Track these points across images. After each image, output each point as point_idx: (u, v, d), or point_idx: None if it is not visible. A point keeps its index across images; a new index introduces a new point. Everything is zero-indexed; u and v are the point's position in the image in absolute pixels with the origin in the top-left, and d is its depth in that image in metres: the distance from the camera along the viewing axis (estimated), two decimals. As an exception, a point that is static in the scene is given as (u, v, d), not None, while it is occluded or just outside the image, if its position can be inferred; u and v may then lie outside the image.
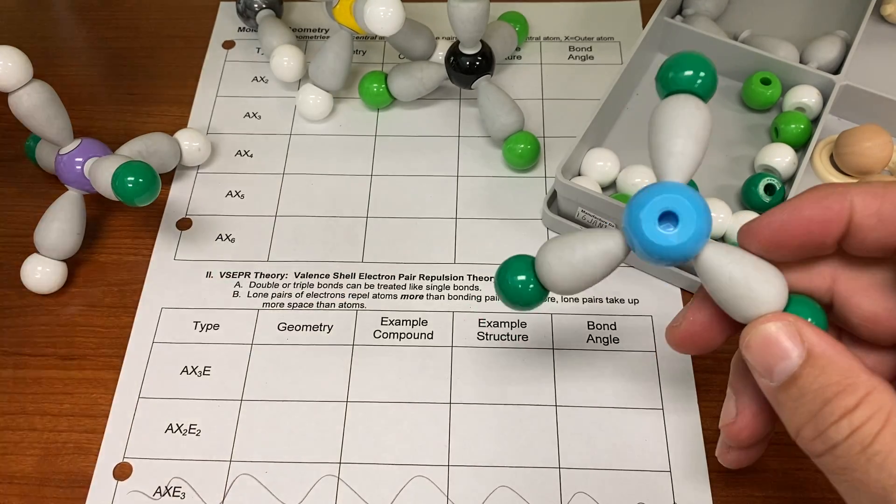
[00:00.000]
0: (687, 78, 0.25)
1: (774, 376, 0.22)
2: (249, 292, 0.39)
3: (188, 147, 0.42)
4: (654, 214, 0.23)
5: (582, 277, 0.25)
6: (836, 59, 0.44)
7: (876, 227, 0.22)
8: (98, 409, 0.36)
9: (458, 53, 0.42)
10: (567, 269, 0.25)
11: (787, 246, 0.23)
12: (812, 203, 0.22)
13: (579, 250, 0.25)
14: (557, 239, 0.26)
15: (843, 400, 0.20)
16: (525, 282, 0.26)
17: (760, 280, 0.23)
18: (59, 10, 0.52)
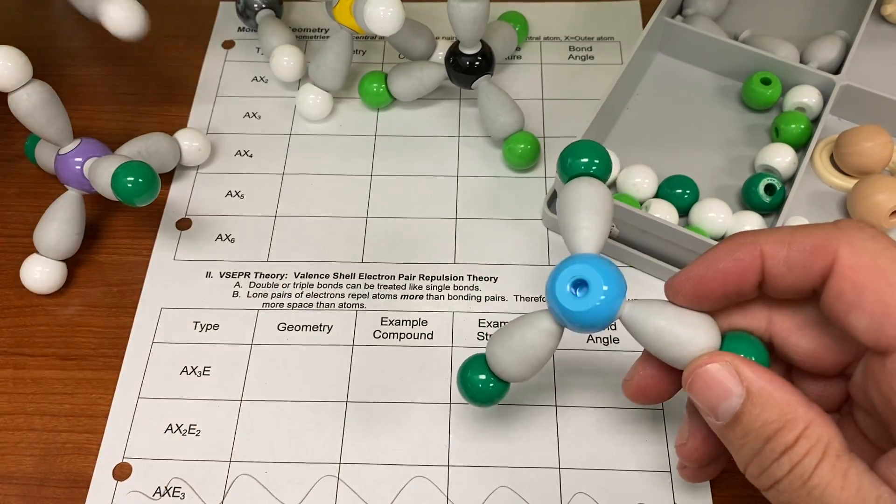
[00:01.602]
0: (583, 164, 0.27)
1: (719, 415, 0.22)
2: (249, 292, 0.39)
3: (188, 147, 0.42)
4: (565, 284, 0.25)
5: (526, 360, 0.27)
6: (837, 59, 0.44)
7: (786, 274, 0.23)
8: (98, 409, 0.36)
9: (458, 53, 0.42)
10: (511, 356, 0.27)
11: (709, 298, 0.24)
12: (724, 255, 0.23)
13: (517, 335, 0.27)
14: (499, 330, 0.28)
15: (783, 437, 0.21)
16: (485, 380, 0.28)
17: (686, 325, 0.24)
18: (58, 10, 0.52)
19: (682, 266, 0.38)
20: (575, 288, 0.25)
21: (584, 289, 0.25)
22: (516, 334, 0.27)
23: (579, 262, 0.25)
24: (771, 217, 0.40)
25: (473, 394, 0.28)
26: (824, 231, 0.22)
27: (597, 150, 0.27)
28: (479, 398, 0.28)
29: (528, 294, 0.38)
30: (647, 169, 0.40)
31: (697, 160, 0.42)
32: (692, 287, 0.24)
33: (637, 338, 0.25)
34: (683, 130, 0.44)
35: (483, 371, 0.28)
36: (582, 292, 0.25)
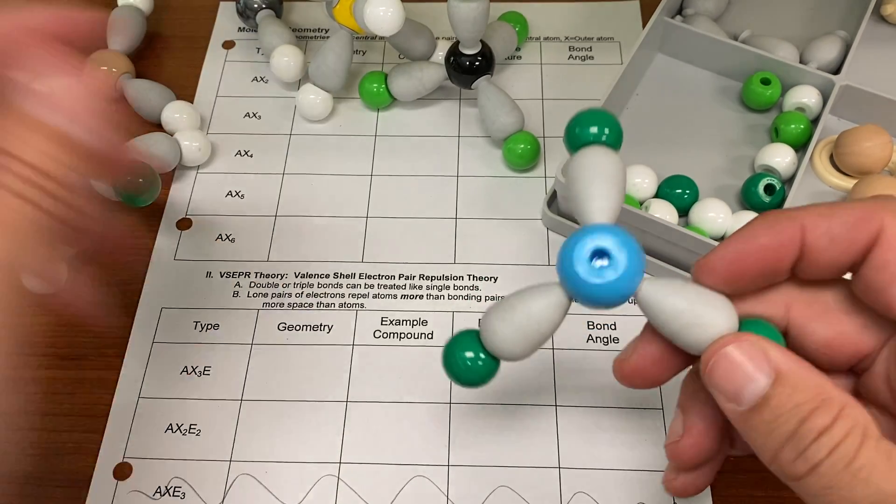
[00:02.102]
0: (593, 134, 0.25)
1: (744, 400, 0.21)
2: (249, 292, 0.39)
3: (188, 147, 0.42)
4: (585, 254, 0.22)
5: (529, 336, 0.24)
6: (836, 59, 0.44)
7: (827, 247, 0.22)
8: (98, 408, 0.36)
9: (458, 53, 0.42)
10: (513, 330, 0.24)
11: (744, 277, 0.23)
12: (764, 230, 0.22)
13: (520, 308, 0.24)
14: (496, 304, 0.25)
15: (820, 417, 0.20)
16: (473, 358, 0.25)
17: (707, 306, 0.23)
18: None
19: (682, 266, 0.38)
20: (593, 259, 0.23)
21: (603, 260, 0.23)
22: (519, 307, 0.24)
23: (599, 232, 0.23)
24: (771, 217, 0.40)
25: (462, 372, 0.25)
26: (867, 204, 0.21)
27: (607, 118, 0.25)
28: (468, 377, 0.25)
29: (528, 294, 0.38)
30: (647, 169, 0.40)
31: (697, 160, 0.42)
32: (728, 265, 0.23)
33: (653, 318, 0.23)
34: (683, 130, 0.44)
35: (473, 347, 0.25)
36: (601, 264, 0.22)
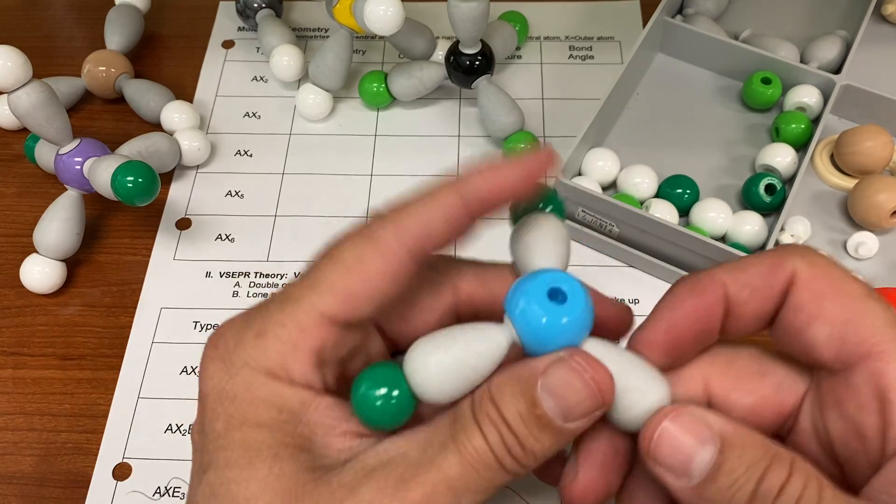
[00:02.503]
0: (535, 206, 0.25)
1: (694, 474, 0.20)
2: (249, 292, 0.39)
3: (188, 147, 0.42)
4: (543, 291, 0.22)
5: (465, 374, 0.21)
6: (837, 58, 0.44)
7: (749, 298, 0.22)
8: (98, 409, 0.36)
9: (458, 53, 0.42)
10: (448, 364, 0.21)
11: (681, 344, 0.22)
12: (689, 293, 0.22)
13: (460, 343, 0.21)
14: (430, 337, 0.22)
15: (775, 473, 0.19)
16: (386, 395, 0.21)
17: (645, 373, 0.22)
18: (58, 10, 0.52)
19: (682, 266, 0.38)
20: (549, 298, 0.21)
21: (556, 299, 0.22)
22: (460, 341, 0.21)
23: (556, 273, 0.22)
24: (771, 217, 0.40)
25: (376, 412, 0.21)
26: (777, 252, 0.22)
27: (551, 196, 0.25)
28: (383, 418, 0.21)
29: (529, 294, 0.38)
30: (647, 169, 0.40)
31: (697, 160, 0.42)
32: (664, 335, 0.22)
33: None
34: (683, 130, 0.43)
35: (389, 383, 0.21)
36: (557, 302, 0.21)
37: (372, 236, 0.22)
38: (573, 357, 0.21)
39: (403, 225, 0.22)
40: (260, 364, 0.21)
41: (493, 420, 0.20)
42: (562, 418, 0.20)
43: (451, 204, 0.22)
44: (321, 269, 0.22)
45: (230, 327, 0.22)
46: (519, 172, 0.22)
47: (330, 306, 0.21)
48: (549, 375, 0.20)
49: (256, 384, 0.21)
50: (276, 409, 0.21)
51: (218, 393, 0.21)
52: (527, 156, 0.22)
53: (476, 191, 0.22)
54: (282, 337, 0.21)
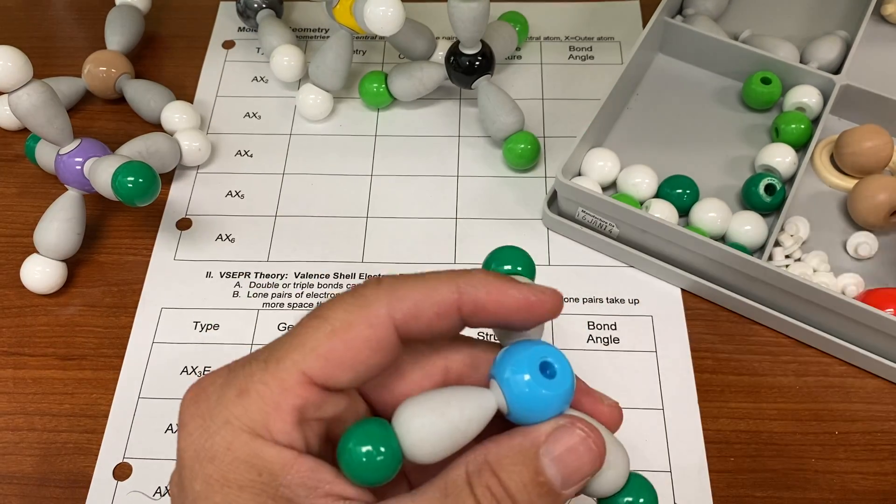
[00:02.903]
0: (508, 270, 0.25)
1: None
2: (249, 292, 0.39)
3: (188, 147, 0.42)
4: (535, 364, 0.22)
5: (455, 437, 0.21)
6: (837, 58, 0.44)
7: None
8: (98, 409, 0.36)
9: (458, 53, 0.42)
10: (440, 428, 0.21)
11: None
12: None
13: (455, 406, 0.22)
14: (422, 397, 0.22)
15: None
16: (374, 452, 0.21)
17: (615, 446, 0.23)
18: (59, 10, 0.52)
19: (682, 266, 0.38)
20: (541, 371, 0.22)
21: (548, 373, 0.22)
22: (454, 406, 0.21)
23: (542, 346, 0.22)
24: (771, 217, 0.40)
25: (363, 468, 0.21)
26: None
27: (521, 255, 0.26)
28: (369, 474, 0.21)
29: (529, 294, 0.38)
30: (647, 169, 0.40)
31: (697, 160, 0.42)
32: None
33: None
34: (683, 130, 0.44)
35: (378, 440, 0.21)
36: (547, 376, 0.22)
37: (364, 302, 0.22)
38: (575, 424, 0.21)
39: (396, 298, 0.22)
40: (242, 422, 0.21)
41: (493, 492, 0.21)
42: (561, 485, 0.21)
43: (447, 295, 0.22)
44: (307, 328, 0.22)
45: (211, 382, 0.22)
46: (523, 302, 0.22)
47: (311, 368, 0.21)
48: (554, 443, 0.21)
49: (237, 443, 0.21)
50: (256, 470, 0.21)
51: (196, 451, 0.21)
52: (538, 291, 0.23)
53: (474, 293, 0.22)
54: (264, 395, 0.21)
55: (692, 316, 0.38)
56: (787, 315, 0.37)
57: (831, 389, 0.36)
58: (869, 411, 0.35)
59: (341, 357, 0.21)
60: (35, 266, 0.38)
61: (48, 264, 0.38)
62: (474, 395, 0.22)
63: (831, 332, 0.36)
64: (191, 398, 0.22)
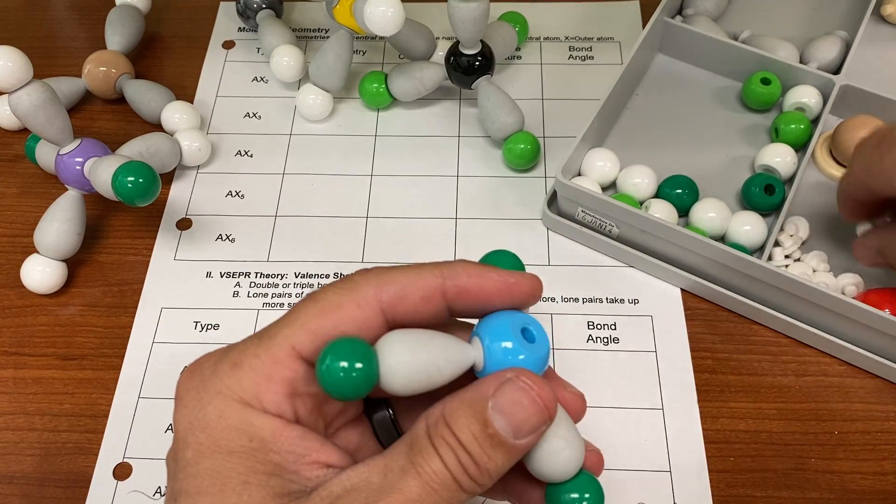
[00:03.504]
0: None
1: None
2: (249, 292, 0.39)
3: (188, 147, 0.42)
4: (517, 328, 0.23)
5: (431, 375, 0.22)
6: (836, 59, 0.44)
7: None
8: (98, 408, 0.36)
9: (458, 53, 0.42)
10: (418, 358, 0.22)
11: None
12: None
13: (437, 343, 0.22)
14: (410, 331, 0.23)
15: None
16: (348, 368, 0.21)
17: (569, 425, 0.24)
18: (59, 10, 0.52)
19: (682, 266, 0.38)
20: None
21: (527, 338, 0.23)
22: (437, 343, 0.22)
23: (523, 315, 0.24)
24: (770, 217, 0.40)
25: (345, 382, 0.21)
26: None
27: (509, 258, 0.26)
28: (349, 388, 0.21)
29: (528, 294, 0.38)
30: (647, 169, 0.40)
31: (697, 160, 0.42)
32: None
33: None
34: (683, 130, 0.44)
35: (360, 356, 0.21)
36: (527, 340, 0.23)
37: (353, 286, 0.23)
38: (519, 377, 0.22)
39: (383, 282, 0.23)
40: (234, 392, 0.22)
41: (448, 443, 0.21)
42: (512, 436, 0.22)
43: (431, 280, 0.23)
44: (299, 308, 0.23)
45: (207, 360, 0.24)
46: (502, 284, 0.24)
47: (301, 342, 0.22)
48: (500, 396, 0.22)
49: (229, 412, 0.22)
50: (247, 436, 0.22)
51: (190, 421, 0.22)
52: (517, 275, 0.24)
53: (456, 278, 0.23)
54: (256, 367, 0.22)
55: (692, 316, 0.38)
56: (787, 315, 0.37)
57: (831, 389, 0.36)
58: (868, 411, 0.35)
59: (330, 334, 0.22)
60: (35, 266, 0.38)
61: (48, 264, 0.38)
62: (457, 343, 0.23)
63: (831, 332, 0.36)
64: (186, 375, 0.24)
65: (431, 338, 0.22)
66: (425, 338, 0.22)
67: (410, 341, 0.22)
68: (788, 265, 0.38)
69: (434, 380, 0.22)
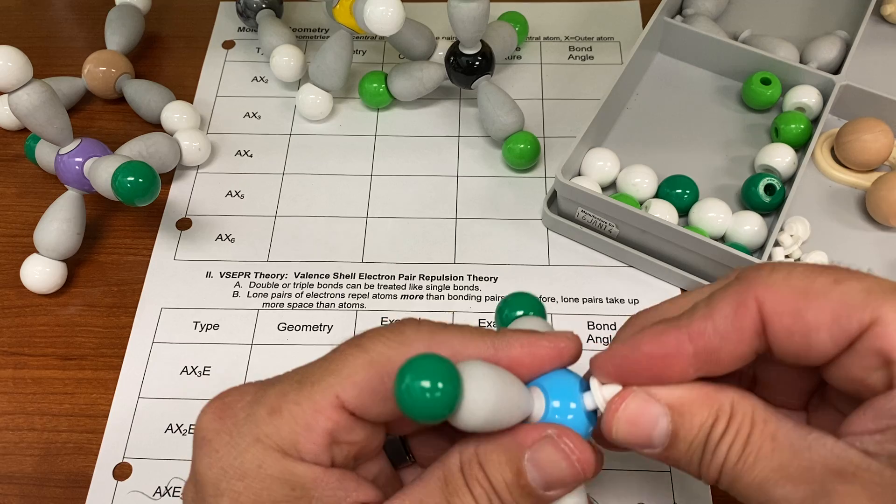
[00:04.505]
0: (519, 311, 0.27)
1: (656, 442, 0.22)
2: (249, 292, 0.39)
3: (188, 147, 0.42)
4: (578, 390, 0.23)
5: (505, 413, 0.21)
6: (836, 58, 0.44)
7: (721, 345, 0.22)
8: (98, 409, 0.36)
9: (458, 53, 0.42)
10: (504, 397, 0.21)
11: (633, 379, 0.23)
12: (650, 340, 0.22)
13: (516, 384, 0.22)
14: (489, 365, 0.21)
15: (719, 426, 0.21)
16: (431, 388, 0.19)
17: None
18: (59, 10, 0.52)
19: (682, 266, 0.38)
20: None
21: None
22: (516, 386, 0.22)
23: (575, 374, 0.24)
24: (770, 217, 0.40)
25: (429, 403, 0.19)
26: (737, 288, 0.22)
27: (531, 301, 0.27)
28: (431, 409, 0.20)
29: (528, 294, 0.38)
30: (647, 169, 0.40)
31: (697, 160, 0.42)
32: (615, 369, 0.23)
33: None
34: (683, 130, 0.44)
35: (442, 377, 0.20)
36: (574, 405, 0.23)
37: (404, 339, 0.22)
38: (562, 437, 0.22)
39: (435, 342, 0.22)
40: (273, 441, 0.21)
41: (481, 485, 0.21)
42: (543, 488, 0.22)
43: (483, 350, 0.22)
44: (346, 356, 0.22)
45: (238, 399, 0.22)
46: (554, 351, 0.23)
47: (346, 394, 0.21)
48: (539, 451, 0.22)
49: (268, 462, 0.21)
50: (289, 486, 0.21)
51: (223, 468, 0.21)
52: (564, 338, 0.23)
53: (508, 350, 0.23)
54: (296, 415, 0.21)
55: (692, 316, 0.38)
56: (787, 315, 0.37)
57: (831, 389, 0.36)
58: (869, 411, 0.35)
59: (376, 389, 0.21)
60: (35, 266, 0.38)
61: (48, 264, 0.38)
62: (526, 391, 0.22)
63: (831, 332, 0.36)
64: (214, 414, 0.22)
65: (510, 378, 0.22)
66: (507, 378, 0.21)
67: (494, 377, 0.21)
68: (788, 265, 0.38)
69: (502, 424, 0.21)
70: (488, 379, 0.21)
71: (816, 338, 0.21)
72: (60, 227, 0.38)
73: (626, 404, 0.22)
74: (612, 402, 0.22)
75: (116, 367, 0.37)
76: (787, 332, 0.21)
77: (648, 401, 0.22)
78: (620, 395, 0.22)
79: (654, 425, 0.22)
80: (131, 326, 0.38)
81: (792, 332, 0.21)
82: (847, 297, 0.21)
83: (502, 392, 0.21)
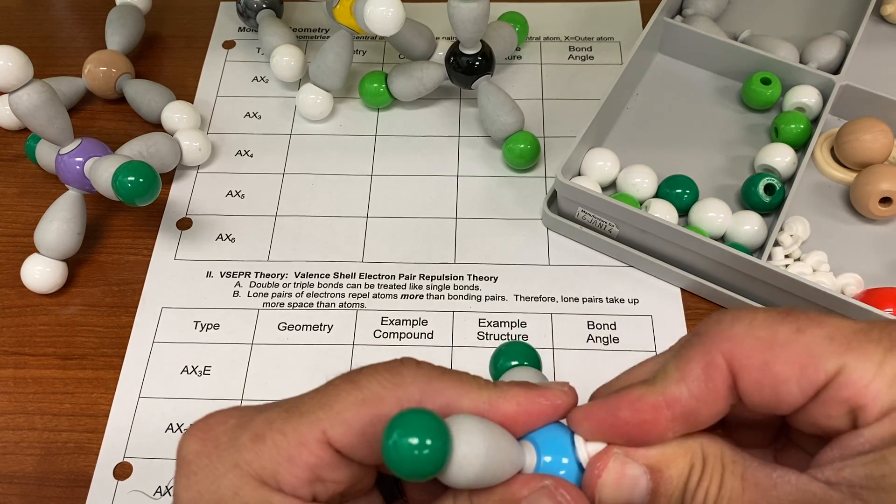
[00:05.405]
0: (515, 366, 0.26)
1: (637, 502, 0.22)
2: (249, 292, 0.39)
3: (188, 147, 0.42)
4: (570, 444, 0.23)
5: (495, 470, 0.21)
6: (836, 59, 0.44)
7: (698, 406, 0.22)
8: (98, 409, 0.36)
9: (458, 53, 0.42)
10: (494, 453, 0.20)
11: (610, 439, 0.23)
12: (628, 405, 0.22)
13: (506, 437, 0.21)
14: (478, 419, 0.21)
15: (693, 477, 0.22)
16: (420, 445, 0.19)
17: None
18: (59, 10, 0.52)
19: (682, 266, 0.38)
20: None
21: None
22: (506, 440, 0.21)
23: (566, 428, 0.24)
24: (770, 217, 0.40)
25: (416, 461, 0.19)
26: (701, 346, 0.22)
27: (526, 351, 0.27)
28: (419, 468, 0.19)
29: (528, 294, 0.38)
30: (647, 169, 0.40)
31: (697, 160, 0.42)
32: (592, 426, 0.23)
33: None
34: (683, 130, 0.44)
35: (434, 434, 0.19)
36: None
37: (400, 381, 0.21)
38: (558, 489, 0.21)
39: (431, 389, 0.21)
40: (252, 468, 0.21)
41: None
42: None
43: (478, 404, 0.22)
44: (339, 390, 0.21)
45: (222, 422, 0.22)
46: (550, 408, 0.23)
47: (333, 430, 0.21)
48: (534, 502, 0.21)
49: (245, 489, 0.20)
50: None
51: (200, 492, 0.21)
52: (561, 395, 0.23)
53: (504, 407, 0.22)
54: (280, 445, 0.21)
55: (692, 316, 0.38)
56: (787, 315, 0.37)
57: (831, 389, 0.36)
58: (868, 411, 0.35)
59: (366, 430, 0.21)
60: (35, 266, 0.38)
61: (48, 264, 0.38)
62: (517, 445, 0.22)
63: (831, 332, 0.36)
64: (198, 435, 0.22)
65: (501, 433, 0.21)
66: (498, 434, 0.21)
67: (486, 434, 0.20)
68: (788, 265, 0.38)
69: (493, 481, 0.21)
70: (479, 437, 0.20)
71: (785, 390, 0.21)
72: (61, 226, 0.38)
73: (607, 469, 0.22)
74: (592, 466, 0.22)
75: (117, 367, 0.37)
76: (756, 385, 0.21)
77: (627, 463, 0.22)
78: (601, 457, 0.22)
79: (635, 486, 0.22)
80: (132, 326, 0.38)
81: (762, 386, 0.21)
82: (811, 348, 0.21)
83: (493, 451, 0.20)
